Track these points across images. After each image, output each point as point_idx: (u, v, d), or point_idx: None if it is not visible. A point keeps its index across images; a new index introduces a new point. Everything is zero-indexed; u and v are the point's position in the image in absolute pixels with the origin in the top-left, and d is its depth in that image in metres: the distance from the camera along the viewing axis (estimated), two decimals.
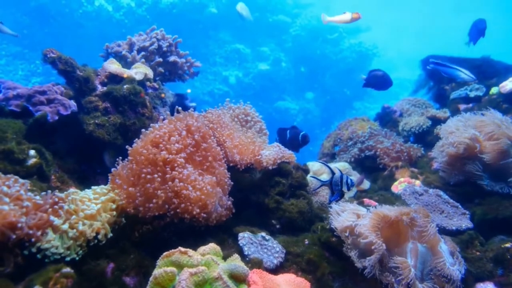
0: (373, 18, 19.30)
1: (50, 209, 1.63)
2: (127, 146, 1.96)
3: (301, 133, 3.01)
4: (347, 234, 1.93)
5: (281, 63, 14.14)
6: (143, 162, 1.84)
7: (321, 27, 14.52)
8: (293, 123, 13.49)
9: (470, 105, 3.69)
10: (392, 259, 1.85)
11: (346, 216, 1.98)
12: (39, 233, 1.53)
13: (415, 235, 1.95)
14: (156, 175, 1.80)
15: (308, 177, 2.64)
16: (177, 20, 12.56)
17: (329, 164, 2.45)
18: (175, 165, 1.84)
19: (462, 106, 3.73)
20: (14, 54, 11.49)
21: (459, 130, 2.61)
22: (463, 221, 2.33)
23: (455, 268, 1.81)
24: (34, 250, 1.51)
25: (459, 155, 2.56)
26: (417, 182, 2.82)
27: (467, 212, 2.42)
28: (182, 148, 1.94)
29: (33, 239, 1.51)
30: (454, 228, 2.26)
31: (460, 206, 2.47)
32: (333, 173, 2.12)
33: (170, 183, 1.79)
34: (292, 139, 3.00)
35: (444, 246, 1.93)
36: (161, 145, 1.89)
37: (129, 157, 1.92)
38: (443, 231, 2.23)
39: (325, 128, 12.88)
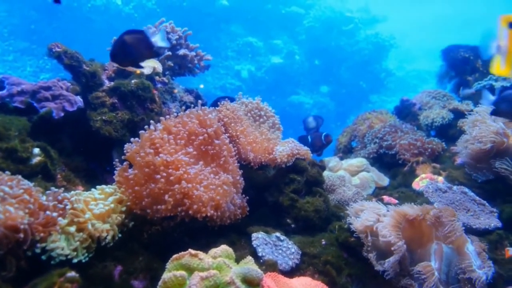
0: (390, 7, 18.87)
1: (54, 209, 1.56)
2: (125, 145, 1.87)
3: (323, 134, 3.16)
4: (367, 236, 1.83)
5: (295, 56, 13.94)
6: (145, 165, 1.75)
7: (336, 18, 14.25)
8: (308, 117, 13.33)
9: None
10: (414, 261, 1.75)
11: (366, 215, 1.89)
12: (43, 234, 1.46)
13: (440, 235, 1.86)
14: (158, 176, 1.71)
15: (325, 173, 2.54)
16: (187, 13, 12.44)
17: (345, 160, 2.57)
18: (179, 165, 1.75)
19: None
20: (22, 50, 11.37)
21: (485, 124, 2.46)
22: (491, 220, 2.22)
23: (482, 271, 1.70)
24: (38, 251, 1.45)
25: (486, 151, 2.41)
26: (440, 179, 2.67)
27: (495, 210, 2.30)
28: (183, 145, 1.86)
29: (37, 242, 1.45)
30: (481, 227, 2.15)
31: (487, 204, 2.34)
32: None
33: (177, 185, 1.70)
34: (314, 141, 3.14)
35: (471, 247, 1.83)
36: (157, 145, 1.81)
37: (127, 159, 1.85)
38: (469, 230, 2.12)
39: (340, 123, 12.65)
